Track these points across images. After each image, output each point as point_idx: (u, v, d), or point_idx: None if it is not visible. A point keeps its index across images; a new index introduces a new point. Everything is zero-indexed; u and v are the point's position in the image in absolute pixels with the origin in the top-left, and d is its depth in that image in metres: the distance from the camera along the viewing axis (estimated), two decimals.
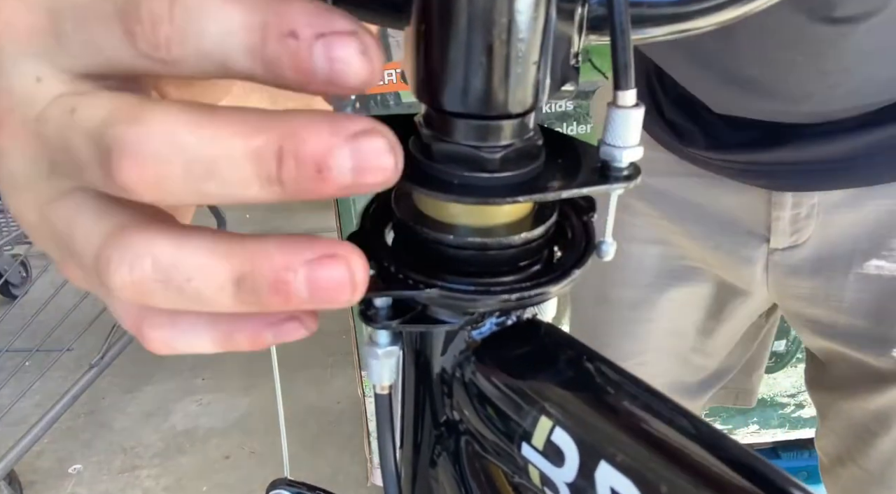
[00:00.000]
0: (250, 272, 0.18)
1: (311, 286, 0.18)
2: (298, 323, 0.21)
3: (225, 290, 0.18)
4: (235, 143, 0.17)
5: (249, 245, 0.18)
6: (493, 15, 0.20)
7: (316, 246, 0.18)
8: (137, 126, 0.17)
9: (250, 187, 0.17)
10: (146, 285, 0.18)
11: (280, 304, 0.18)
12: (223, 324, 0.21)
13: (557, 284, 0.24)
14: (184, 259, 0.18)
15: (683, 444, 0.21)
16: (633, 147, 0.22)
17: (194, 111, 0.17)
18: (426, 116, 0.23)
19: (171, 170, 0.17)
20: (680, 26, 0.23)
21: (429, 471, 0.30)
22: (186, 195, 0.17)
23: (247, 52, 0.17)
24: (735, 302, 0.72)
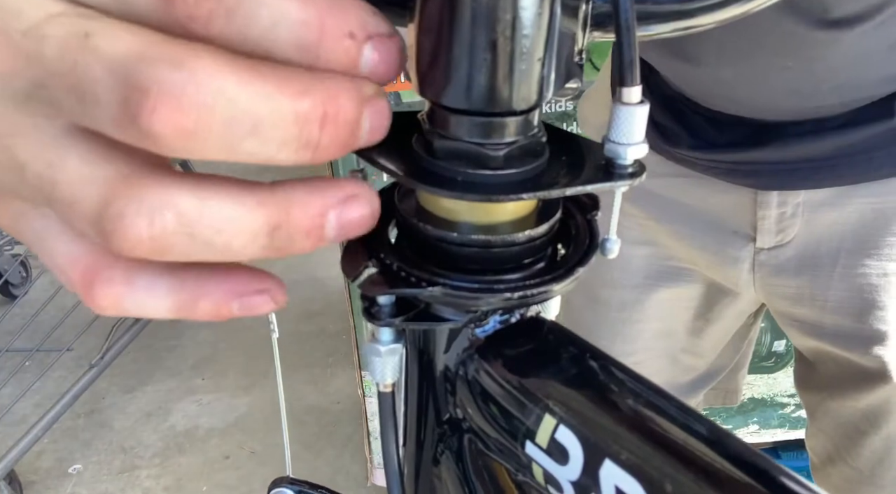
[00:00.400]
0: (286, 221, 0.18)
1: (340, 226, 0.19)
2: (268, 296, 0.21)
3: (257, 241, 0.18)
4: (284, 103, 0.17)
5: (280, 193, 0.18)
6: (498, 11, 0.20)
7: (339, 187, 0.19)
8: (182, 69, 0.16)
9: (287, 149, 0.17)
10: (167, 240, 0.17)
11: (311, 247, 0.19)
12: (188, 287, 0.20)
13: (561, 282, 0.24)
14: (212, 211, 0.17)
15: (688, 442, 0.21)
16: (637, 144, 0.22)
17: (239, 63, 0.16)
18: (429, 113, 0.23)
19: (212, 122, 0.16)
20: (684, 23, 0.23)
21: (432, 469, 0.30)
22: (217, 151, 0.17)
23: (297, 46, 0.17)
24: (723, 302, 0.72)
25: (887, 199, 0.58)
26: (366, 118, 0.18)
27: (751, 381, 1.42)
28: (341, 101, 0.17)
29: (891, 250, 0.59)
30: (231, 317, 0.21)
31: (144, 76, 0.16)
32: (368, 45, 0.18)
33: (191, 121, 0.16)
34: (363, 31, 0.18)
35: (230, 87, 0.16)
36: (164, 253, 0.17)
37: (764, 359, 1.40)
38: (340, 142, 0.18)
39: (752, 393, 1.43)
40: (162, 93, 0.16)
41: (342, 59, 0.18)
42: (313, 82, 0.17)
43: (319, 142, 0.17)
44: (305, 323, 2.18)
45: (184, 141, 0.16)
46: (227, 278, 0.20)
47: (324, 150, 0.18)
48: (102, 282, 0.19)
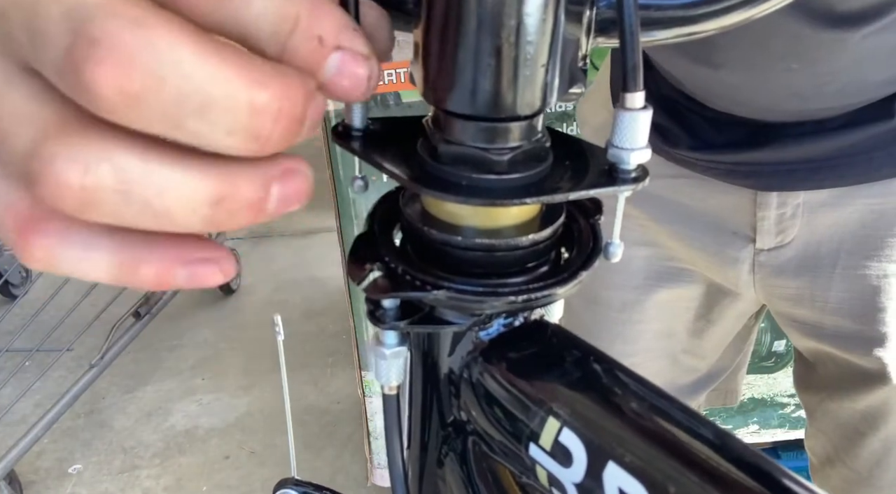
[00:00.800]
0: (231, 194, 0.17)
1: (281, 200, 0.18)
2: (215, 266, 0.19)
3: (199, 211, 0.17)
4: (240, 91, 0.16)
5: (226, 164, 0.17)
6: (503, 17, 0.20)
7: (281, 162, 0.18)
8: (141, 29, 0.15)
9: (235, 137, 0.17)
10: (99, 194, 0.16)
11: (249, 221, 0.18)
12: (130, 249, 0.18)
13: (565, 286, 0.24)
14: (155, 172, 0.16)
15: (691, 445, 0.21)
16: (640, 149, 0.22)
17: (202, 37, 0.16)
18: (434, 118, 0.23)
19: (160, 92, 0.15)
20: (687, 29, 0.23)
21: (436, 471, 0.30)
22: (159, 123, 0.16)
23: (272, 35, 0.18)
24: (724, 303, 0.72)
25: (888, 200, 0.58)
26: (310, 113, 0.18)
27: (751, 381, 1.42)
28: (295, 97, 0.17)
29: (891, 251, 0.59)
30: (174, 287, 0.19)
31: (98, 26, 0.15)
32: (336, 55, 0.18)
33: (136, 84, 0.15)
34: (334, 39, 0.18)
35: (187, 61, 0.15)
36: (92, 209, 0.16)
37: (764, 359, 1.40)
38: (289, 137, 0.17)
39: (752, 393, 1.44)
40: (112, 48, 0.15)
41: (306, 58, 0.18)
42: (273, 74, 0.17)
43: (271, 136, 0.17)
44: (305, 323, 2.18)
45: (125, 105, 0.15)
46: (172, 244, 0.19)
47: (272, 144, 0.17)
48: (37, 233, 0.18)
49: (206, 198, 0.17)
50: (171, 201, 0.17)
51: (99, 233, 0.18)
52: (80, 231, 0.18)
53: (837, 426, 0.70)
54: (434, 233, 0.24)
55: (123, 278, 0.19)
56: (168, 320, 2.15)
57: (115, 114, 0.15)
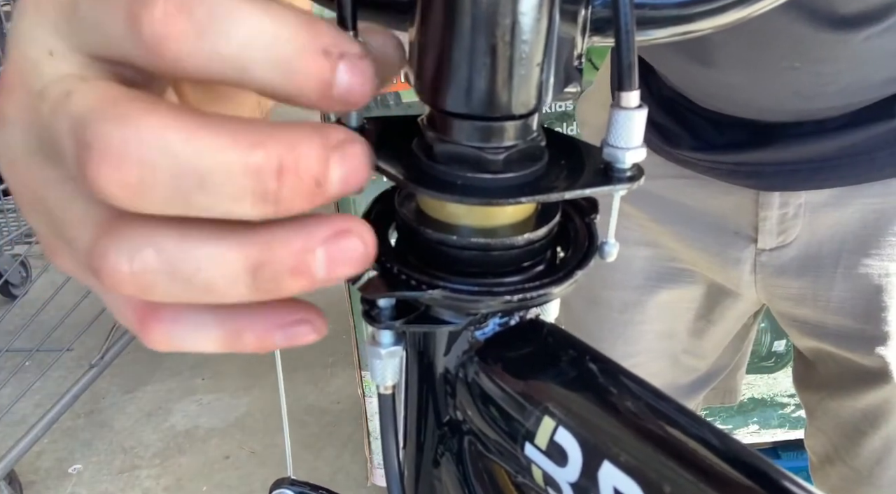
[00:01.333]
0: (268, 260, 0.18)
1: (330, 263, 0.18)
2: (309, 326, 0.21)
3: (240, 280, 0.18)
4: (233, 156, 0.16)
5: (262, 231, 0.18)
6: (497, 16, 0.20)
7: (328, 223, 0.18)
8: (126, 125, 0.16)
9: (243, 203, 0.17)
10: (148, 277, 0.17)
11: (300, 288, 0.18)
12: (231, 322, 0.20)
13: (560, 285, 0.24)
14: (191, 248, 0.17)
15: (686, 444, 0.21)
16: (636, 148, 0.22)
17: (187, 116, 0.16)
18: (429, 117, 0.23)
19: (156, 177, 0.16)
20: (683, 28, 0.23)
21: (432, 471, 0.30)
22: (170, 205, 0.17)
23: (272, 63, 0.17)
24: (725, 303, 0.72)
25: (889, 200, 0.58)
26: (335, 167, 0.17)
27: (751, 381, 1.42)
28: (301, 151, 0.17)
29: (892, 250, 0.59)
30: (276, 349, 0.21)
31: (90, 132, 0.16)
32: (342, 65, 0.18)
33: (132, 176, 0.16)
34: (336, 48, 0.18)
35: (175, 143, 0.16)
36: (148, 292, 0.18)
37: (764, 359, 1.40)
38: (305, 195, 0.17)
39: (752, 393, 1.44)
40: (103, 149, 0.16)
41: (316, 77, 0.18)
42: (270, 133, 0.17)
43: (280, 195, 0.17)
44: None
45: (130, 196, 0.16)
46: (268, 311, 0.20)
47: (287, 203, 0.17)
48: (153, 321, 0.20)
49: (244, 267, 0.18)
50: (210, 275, 0.18)
51: (203, 312, 0.20)
52: (187, 314, 0.20)
53: (838, 424, 0.70)
54: (429, 232, 0.24)
55: (231, 347, 0.20)
56: None
57: (125, 205, 0.17)
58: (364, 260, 0.19)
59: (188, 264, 0.17)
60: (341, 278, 0.19)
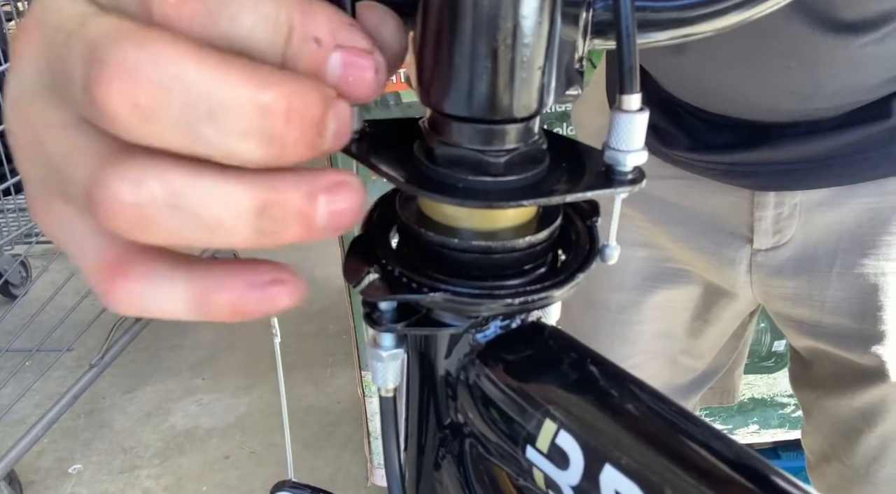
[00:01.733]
0: (276, 200, 0.18)
1: (331, 212, 0.18)
2: (285, 287, 0.20)
3: (246, 219, 0.18)
4: (245, 92, 0.16)
5: (270, 174, 0.18)
6: (499, 20, 0.20)
7: (328, 174, 0.18)
8: (143, 48, 0.16)
9: (250, 141, 0.17)
10: (151, 209, 0.17)
11: (300, 234, 0.18)
12: (203, 281, 0.19)
13: (562, 288, 0.24)
14: (200, 183, 0.17)
15: (688, 447, 0.21)
16: (637, 151, 0.22)
17: (206, 51, 0.17)
18: (431, 120, 0.23)
19: (169, 101, 0.16)
20: (683, 31, 0.23)
21: (433, 474, 0.30)
22: (175, 135, 0.17)
23: (270, 47, 0.18)
24: (721, 303, 0.72)
25: (884, 199, 0.58)
26: (331, 119, 0.18)
27: (751, 381, 1.42)
28: (308, 98, 0.17)
29: (888, 249, 0.59)
30: (249, 316, 0.20)
31: (106, 51, 0.16)
32: (336, 54, 0.18)
33: (146, 97, 0.16)
34: (332, 38, 0.18)
35: (190, 71, 0.16)
36: (148, 226, 0.17)
37: (764, 359, 1.40)
38: (308, 141, 0.18)
39: (752, 393, 1.44)
40: (118, 66, 0.16)
41: (307, 62, 0.18)
42: (280, 76, 0.17)
43: (285, 138, 0.17)
44: (305, 323, 2.18)
45: (139, 119, 0.16)
46: (242, 270, 0.20)
47: (291, 148, 0.17)
48: (122, 278, 0.19)
49: (251, 204, 0.18)
50: (218, 210, 0.17)
51: (175, 269, 0.19)
52: (158, 270, 0.19)
53: (834, 423, 0.70)
54: (431, 235, 0.24)
55: (200, 310, 0.20)
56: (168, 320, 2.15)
57: (132, 131, 0.16)
58: (358, 213, 0.19)
59: (195, 198, 0.17)
60: (337, 229, 0.19)
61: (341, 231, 0.19)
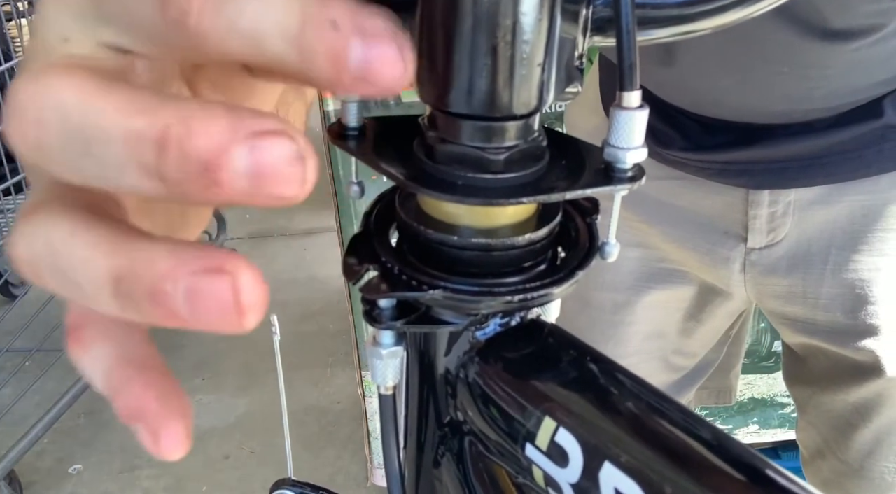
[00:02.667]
0: (128, 275, 0.16)
1: (192, 301, 0.15)
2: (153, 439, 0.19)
3: (103, 289, 0.17)
4: (114, 120, 0.16)
5: (138, 245, 0.17)
6: (498, 17, 0.20)
7: (202, 255, 0.16)
8: (35, 83, 0.16)
9: (127, 174, 0.16)
10: (36, 266, 0.17)
11: (161, 318, 0.16)
12: (114, 381, 0.20)
13: (561, 285, 0.24)
14: (71, 245, 0.17)
15: (688, 445, 0.21)
16: (637, 148, 0.22)
17: (101, 82, 0.16)
18: (430, 117, 0.23)
19: (49, 136, 0.16)
20: (684, 28, 0.23)
21: (432, 472, 0.30)
22: (65, 168, 0.17)
23: (283, 36, 0.16)
24: (715, 302, 0.73)
25: (876, 196, 0.59)
26: (239, 157, 0.15)
27: (751, 381, 1.42)
28: (193, 127, 0.15)
29: (882, 245, 0.60)
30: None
31: (13, 87, 0.17)
32: (357, 41, 0.16)
33: (30, 132, 0.16)
34: (350, 22, 0.16)
35: (70, 103, 0.16)
36: (38, 280, 0.18)
37: (764, 359, 1.40)
38: (191, 177, 0.15)
39: (752, 393, 1.44)
40: (13, 103, 0.16)
41: (325, 51, 0.16)
42: (167, 103, 0.15)
43: (161, 172, 0.15)
44: (305, 323, 2.18)
45: (32, 153, 0.17)
46: (139, 391, 0.19)
47: (174, 183, 0.15)
48: (72, 340, 0.20)
49: (106, 274, 0.16)
50: (79, 275, 0.17)
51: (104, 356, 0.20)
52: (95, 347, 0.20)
53: (829, 419, 0.70)
54: (430, 232, 0.24)
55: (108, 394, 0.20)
56: None
57: (32, 163, 0.17)
58: (234, 312, 0.16)
59: (64, 261, 0.17)
60: (205, 324, 0.16)
61: (218, 328, 0.16)
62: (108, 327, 0.20)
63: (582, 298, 0.74)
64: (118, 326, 0.20)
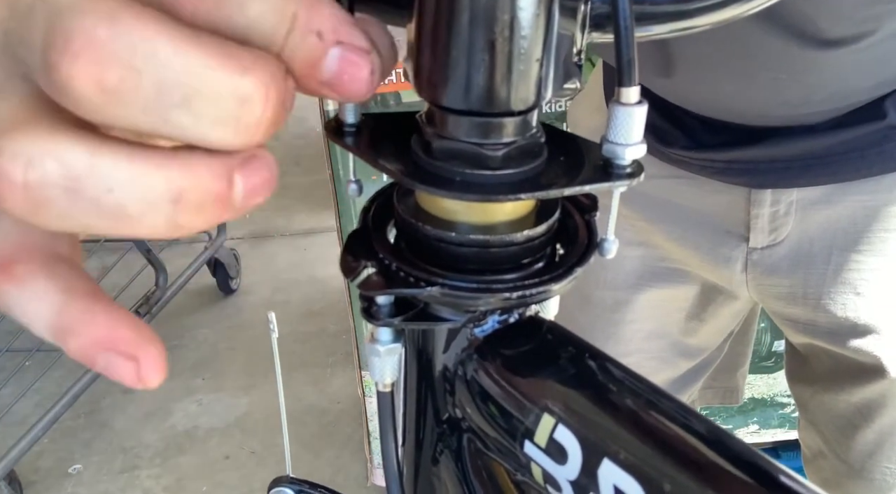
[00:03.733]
0: (193, 185, 0.16)
1: (247, 191, 0.17)
2: (132, 366, 0.18)
3: (160, 208, 0.16)
4: (225, 78, 0.16)
5: (182, 154, 0.16)
6: (496, 12, 0.20)
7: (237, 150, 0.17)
8: (115, 24, 0.15)
9: (224, 128, 0.16)
10: (44, 191, 0.15)
11: (216, 218, 0.17)
12: (69, 315, 0.18)
13: (559, 282, 0.24)
14: (104, 166, 0.16)
15: (687, 442, 0.21)
16: (636, 144, 0.22)
17: (180, 28, 0.16)
18: (428, 114, 0.23)
19: (140, 84, 0.15)
20: (682, 24, 0.23)
21: (431, 469, 0.30)
22: (144, 118, 0.16)
23: (271, 35, 0.17)
24: (718, 302, 0.72)
25: (878, 197, 0.59)
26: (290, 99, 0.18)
27: (751, 381, 1.42)
28: (279, 81, 0.17)
29: (883, 246, 0.60)
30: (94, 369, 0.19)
31: (73, 23, 0.15)
32: (336, 49, 0.18)
33: (114, 77, 0.15)
34: (333, 34, 0.18)
35: (165, 51, 0.15)
36: (41, 210, 0.16)
37: (764, 359, 1.39)
38: (277, 125, 0.17)
39: (752, 393, 1.43)
40: (86, 42, 0.15)
41: (305, 55, 0.18)
42: (254, 59, 0.16)
43: (260, 124, 0.17)
44: (305, 323, 2.18)
45: (105, 100, 0.15)
46: (105, 320, 0.18)
47: (262, 133, 0.17)
48: (4, 274, 0.18)
49: (166, 192, 0.16)
50: (125, 198, 0.16)
51: (51, 288, 0.18)
52: (34, 282, 0.18)
53: (831, 419, 0.70)
54: (428, 229, 0.24)
55: (58, 341, 0.19)
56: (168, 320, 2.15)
57: (97, 112, 0.15)
58: (271, 186, 0.18)
59: (98, 183, 0.16)
60: (250, 206, 0.18)
61: (253, 206, 0.18)
62: (48, 260, 0.19)
63: (583, 296, 0.74)
64: (59, 259, 0.19)
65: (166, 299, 2.04)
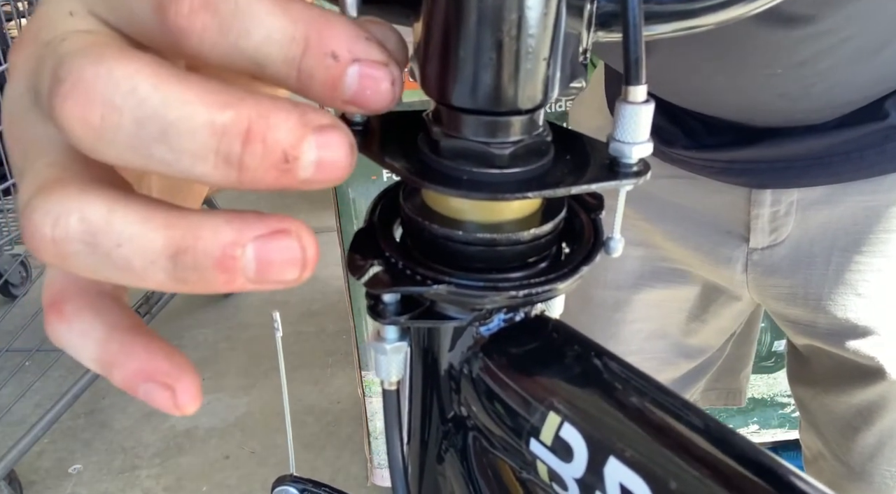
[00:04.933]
0: (192, 247, 0.17)
1: (260, 262, 0.17)
2: (168, 394, 0.20)
3: (158, 264, 0.17)
4: (199, 111, 0.16)
5: (192, 217, 0.17)
6: (503, 11, 0.20)
7: (265, 220, 0.17)
8: (100, 64, 0.16)
9: (204, 163, 0.16)
10: (68, 245, 0.17)
11: (224, 283, 0.17)
12: (110, 350, 0.19)
13: (566, 281, 0.24)
14: (116, 221, 0.17)
15: (692, 440, 0.21)
16: (642, 143, 0.22)
17: (164, 68, 0.16)
18: (435, 112, 0.23)
19: (119, 120, 0.16)
20: (690, 22, 0.23)
21: (436, 467, 0.30)
22: (130, 153, 0.16)
23: (284, 61, 0.18)
24: (719, 302, 0.72)
25: (879, 197, 0.59)
26: (309, 147, 0.17)
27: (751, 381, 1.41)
28: (273, 121, 0.16)
29: (884, 246, 0.60)
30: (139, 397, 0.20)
31: (66, 67, 0.16)
32: (354, 67, 0.18)
33: (96, 115, 0.16)
34: (349, 53, 0.18)
35: (143, 88, 0.16)
36: (66, 261, 0.17)
37: (764, 359, 1.40)
38: (270, 166, 0.16)
39: (752, 393, 1.44)
40: (73, 83, 0.16)
41: (323, 77, 0.18)
42: (243, 98, 0.16)
43: (242, 162, 0.16)
44: (305, 323, 2.18)
45: (94, 136, 0.16)
46: (143, 355, 0.19)
47: (250, 173, 0.16)
48: (55, 311, 0.20)
49: (163, 249, 0.17)
50: (128, 252, 0.17)
51: (96, 324, 0.20)
52: (81, 319, 0.20)
53: (831, 420, 0.70)
54: (434, 227, 0.24)
55: (103, 373, 0.20)
56: (168, 320, 2.15)
57: (91, 149, 0.17)
58: (300, 265, 0.18)
59: (109, 237, 0.17)
60: (273, 283, 0.17)
61: (279, 284, 0.18)
62: (93, 299, 0.20)
63: (583, 296, 0.74)
64: (103, 297, 0.20)
65: (166, 299, 2.04)
